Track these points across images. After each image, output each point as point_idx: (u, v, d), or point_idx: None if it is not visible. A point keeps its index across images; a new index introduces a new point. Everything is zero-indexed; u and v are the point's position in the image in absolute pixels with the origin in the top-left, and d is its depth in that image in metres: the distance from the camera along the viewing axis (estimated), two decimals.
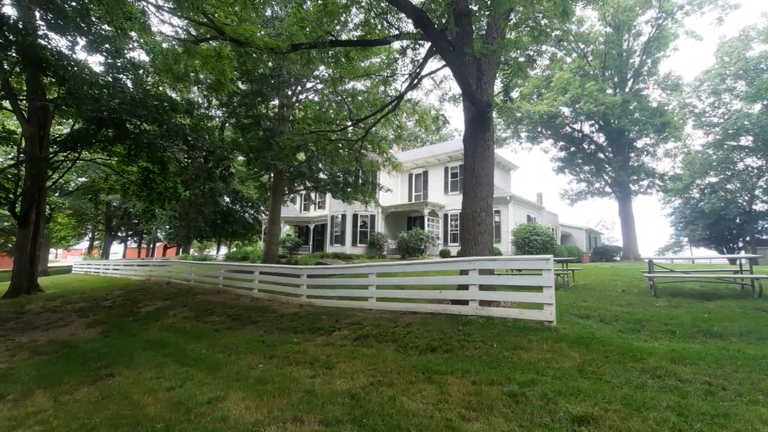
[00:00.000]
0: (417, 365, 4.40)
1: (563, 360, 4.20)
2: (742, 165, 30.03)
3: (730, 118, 27.66)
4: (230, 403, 3.71)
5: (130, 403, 3.91)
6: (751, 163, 29.86)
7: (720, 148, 29.16)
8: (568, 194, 30.11)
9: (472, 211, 7.12)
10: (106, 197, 30.12)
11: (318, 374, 4.38)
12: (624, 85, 26.64)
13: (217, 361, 5.17)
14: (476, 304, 6.18)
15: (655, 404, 3.10)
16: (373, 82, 13.56)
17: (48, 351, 6.64)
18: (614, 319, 5.84)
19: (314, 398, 3.69)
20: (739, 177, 29.67)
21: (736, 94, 28.92)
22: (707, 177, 31.51)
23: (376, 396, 3.65)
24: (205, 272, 13.98)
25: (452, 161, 22.60)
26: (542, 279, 5.60)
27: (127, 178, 15.43)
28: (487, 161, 7.18)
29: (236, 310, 8.89)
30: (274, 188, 16.82)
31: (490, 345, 4.84)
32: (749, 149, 28.77)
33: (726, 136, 27.98)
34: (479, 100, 6.53)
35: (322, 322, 7.06)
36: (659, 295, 7.37)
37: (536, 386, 3.57)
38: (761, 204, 30.51)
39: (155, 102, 9.13)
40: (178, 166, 12.51)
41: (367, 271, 7.93)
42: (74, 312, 10.37)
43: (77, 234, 39.85)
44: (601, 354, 4.28)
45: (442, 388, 3.73)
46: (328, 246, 24.21)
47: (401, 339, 5.49)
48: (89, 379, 4.82)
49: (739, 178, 29.67)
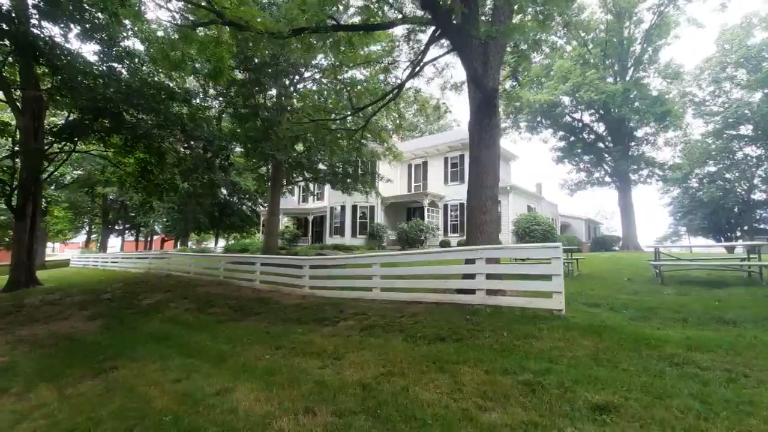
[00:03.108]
0: (427, 355, 4.32)
1: (576, 348, 4.13)
2: (741, 154, 29.97)
3: (731, 106, 27.51)
4: (239, 395, 3.62)
5: (136, 395, 3.82)
6: (750, 152, 29.82)
7: (719, 138, 29.05)
8: (567, 184, 29.99)
9: (477, 200, 7.01)
10: (102, 190, 29.82)
11: (327, 365, 4.30)
12: (625, 74, 26.39)
13: (223, 353, 5.08)
14: (483, 294, 6.11)
15: (677, 392, 3.03)
16: (373, 70, 13.34)
17: (49, 344, 6.54)
18: (623, 307, 5.78)
19: (325, 389, 3.61)
20: (738, 166, 29.63)
21: (737, 82, 28.70)
22: (706, 166, 31.45)
23: (388, 386, 3.57)
24: (205, 264, 13.86)
25: (452, 151, 22.43)
26: (551, 267, 5.53)
27: (123, 170, 15.21)
28: (492, 149, 7.05)
29: (238, 302, 8.80)
30: (273, 179, 16.64)
31: (500, 334, 4.76)
32: (749, 138, 28.68)
33: (726, 125, 27.87)
34: (486, 85, 6.38)
35: (326, 313, 6.98)
36: (666, 283, 7.32)
37: (551, 375, 3.50)
38: (759, 193, 30.54)
39: (152, 90, 8.89)
40: (176, 157, 12.30)
41: (372, 261, 7.84)
42: (74, 305, 10.25)
43: (74, 227, 39.56)
44: (614, 342, 4.21)
45: (455, 377, 3.65)
46: (327, 237, 24.12)
47: (409, 329, 5.41)
48: (92, 372, 4.72)
49: (738, 168, 29.64)
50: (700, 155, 30.06)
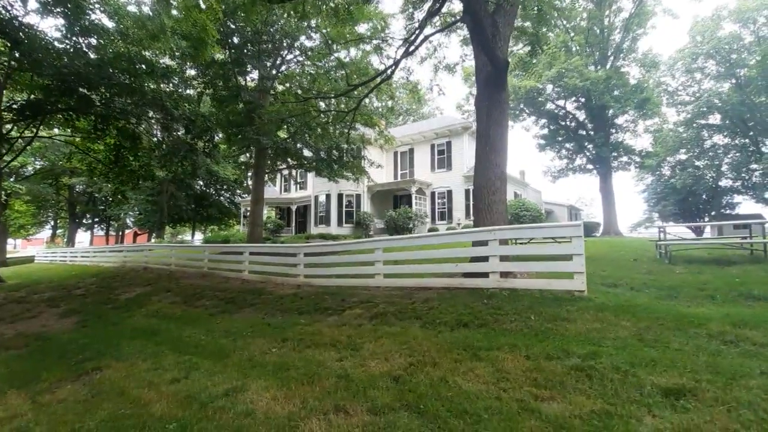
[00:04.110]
0: (455, 342, 3.96)
1: (616, 329, 3.86)
2: (710, 143, 31.03)
3: (701, 96, 28.33)
4: (252, 394, 3.15)
5: (129, 400, 3.28)
6: (718, 141, 30.89)
7: (690, 127, 29.95)
8: (550, 171, 30.34)
9: (486, 180, 6.67)
10: (68, 181, 27.99)
11: (345, 356, 3.87)
12: (605, 62, 26.69)
13: (222, 348, 4.57)
14: (497, 276, 5.79)
15: (747, 371, 2.78)
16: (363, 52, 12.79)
17: (17, 345, 5.82)
18: (644, 286, 5.59)
19: (351, 383, 3.19)
20: (707, 154, 30.68)
21: (707, 73, 29.57)
22: (677, 154, 32.42)
23: (423, 377, 3.18)
24: (187, 255, 13.07)
25: (439, 138, 22.07)
26: (572, 246, 5.26)
27: (93, 157, 14.11)
28: (501, 125, 6.70)
29: (228, 293, 8.21)
30: (257, 166, 15.83)
31: (527, 317, 4.45)
32: (717, 127, 29.70)
33: (696, 114, 28.72)
34: (498, 56, 5.99)
35: (327, 302, 6.53)
36: (674, 262, 7.23)
37: (601, 358, 3.19)
38: (725, 180, 31.69)
39: (127, 64, 8.00)
40: (153, 141, 11.38)
41: (374, 247, 7.40)
42: (42, 302, 9.38)
43: (37, 222, 37.14)
44: (653, 321, 3.96)
45: (495, 365, 3.30)
46: (312, 227, 23.44)
47: (425, 315, 5.03)
48: (72, 375, 4.12)
49: (707, 156, 30.68)
50: (673, 143, 30.94)
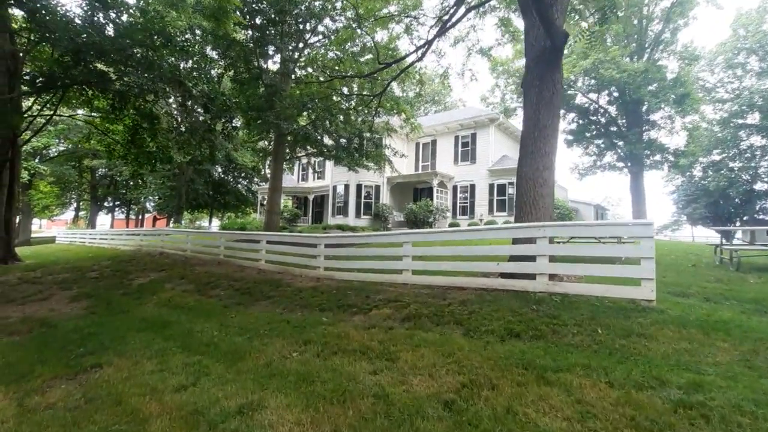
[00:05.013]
0: (510, 357, 3.31)
1: (713, 352, 3.15)
2: (747, 144, 29.11)
3: (741, 93, 26.51)
4: (271, 414, 2.58)
5: (126, 411, 2.76)
6: (755, 142, 28.92)
7: (726, 126, 28.13)
8: (578, 168, 29.05)
9: (533, 170, 5.94)
10: (90, 163, 28.19)
11: (380, 369, 3.27)
12: (642, 54, 25.22)
13: (237, 348, 4.03)
14: (545, 279, 5.09)
15: None
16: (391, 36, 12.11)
17: (20, 330, 5.44)
18: (721, 297, 4.82)
19: (392, 408, 2.59)
20: (743, 156, 28.81)
21: (748, 69, 27.64)
22: (711, 155, 30.57)
23: (482, 405, 2.55)
24: (204, 242, 12.72)
25: (463, 129, 21.17)
26: (640, 249, 4.51)
27: (111, 137, 13.84)
28: (553, 110, 5.95)
29: (243, 284, 7.73)
30: (275, 153, 15.35)
31: (593, 330, 3.77)
32: (756, 128, 27.77)
33: (734, 113, 26.92)
34: (557, 27, 5.23)
35: (350, 299, 5.95)
36: (742, 270, 6.39)
37: (711, 392, 2.51)
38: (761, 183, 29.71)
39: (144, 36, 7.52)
40: (171, 122, 10.97)
41: (402, 240, 6.78)
42: (56, 284, 9.11)
43: (61, 203, 37.76)
44: (757, 343, 3.24)
45: (571, 393, 2.65)
46: (329, 217, 22.96)
47: (466, 321, 4.40)
48: (69, 372, 3.65)
49: (743, 157, 28.81)
50: (708, 143, 29.17)
